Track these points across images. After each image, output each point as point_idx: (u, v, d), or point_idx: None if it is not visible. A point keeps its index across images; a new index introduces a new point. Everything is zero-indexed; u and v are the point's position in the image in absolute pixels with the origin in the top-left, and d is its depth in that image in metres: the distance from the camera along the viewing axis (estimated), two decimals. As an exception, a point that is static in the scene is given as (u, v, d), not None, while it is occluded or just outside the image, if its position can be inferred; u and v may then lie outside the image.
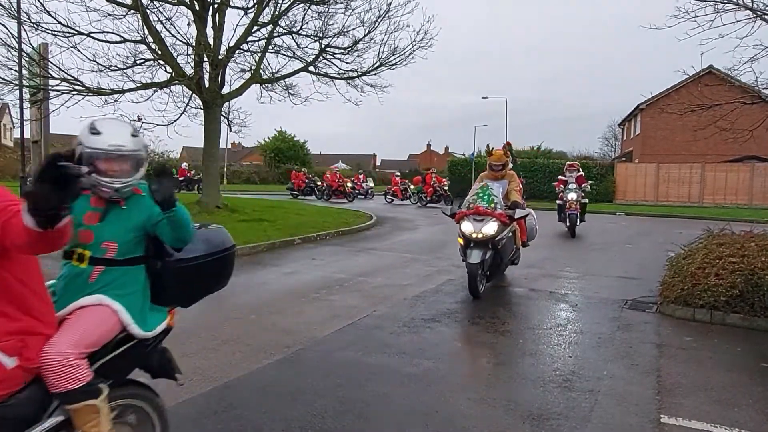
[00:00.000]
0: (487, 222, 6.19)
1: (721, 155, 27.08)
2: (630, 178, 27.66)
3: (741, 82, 8.10)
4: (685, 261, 6.53)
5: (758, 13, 6.76)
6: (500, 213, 6.31)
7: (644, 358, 4.52)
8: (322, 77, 13.79)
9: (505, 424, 3.28)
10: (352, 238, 11.89)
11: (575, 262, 9.40)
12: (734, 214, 19.64)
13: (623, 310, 6.10)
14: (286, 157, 45.59)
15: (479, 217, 6.26)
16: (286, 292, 6.58)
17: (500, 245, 6.32)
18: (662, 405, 3.59)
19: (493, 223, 6.18)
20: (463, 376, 4.03)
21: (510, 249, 6.83)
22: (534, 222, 7.66)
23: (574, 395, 3.72)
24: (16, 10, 10.69)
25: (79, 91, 11.24)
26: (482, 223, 6.21)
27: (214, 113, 12.46)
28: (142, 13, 10.76)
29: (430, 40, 13.44)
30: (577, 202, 12.73)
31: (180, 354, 4.29)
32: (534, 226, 7.69)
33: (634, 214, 21.09)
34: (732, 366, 4.38)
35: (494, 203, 6.36)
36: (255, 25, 12.49)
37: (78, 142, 2.18)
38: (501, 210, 6.37)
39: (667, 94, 27.29)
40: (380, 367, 4.15)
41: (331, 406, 3.45)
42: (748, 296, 5.48)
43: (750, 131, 7.72)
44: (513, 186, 6.98)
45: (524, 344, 4.83)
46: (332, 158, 65.47)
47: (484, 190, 6.50)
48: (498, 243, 6.27)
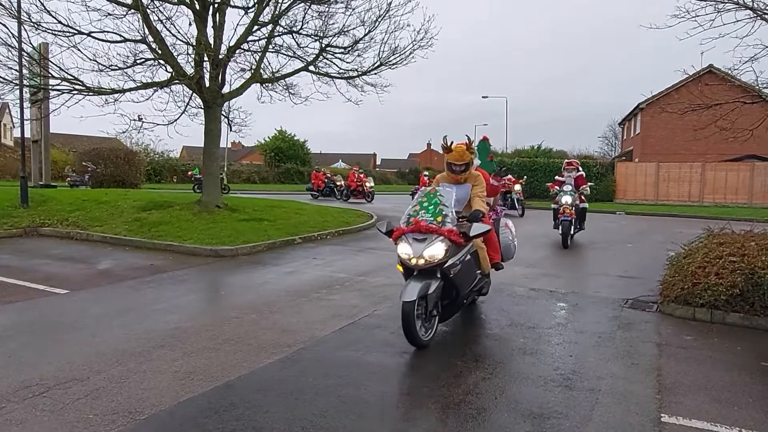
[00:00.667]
0: (432, 242, 4.50)
1: (721, 154, 27.10)
2: (630, 177, 27.66)
3: (741, 81, 8.11)
4: (685, 260, 6.54)
5: (758, 12, 6.76)
6: (450, 229, 4.55)
7: (645, 357, 4.53)
8: (322, 77, 13.78)
9: (506, 423, 3.29)
10: (352, 238, 11.89)
11: (575, 261, 9.40)
12: (734, 213, 19.65)
13: (623, 310, 6.11)
14: (286, 156, 45.62)
15: (420, 236, 4.56)
16: (287, 292, 6.59)
17: (452, 273, 4.61)
18: (663, 404, 3.60)
19: (440, 244, 4.49)
20: (463, 375, 4.03)
21: (470, 277, 5.07)
22: (510, 237, 6.20)
23: (575, 394, 3.73)
24: (17, 9, 10.69)
25: (80, 90, 11.22)
26: (424, 243, 4.51)
27: (214, 113, 12.45)
28: (143, 13, 10.75)
29: (430, 40, 13.42)
30: (572, 206, 10.75)
31: (181, 353, 4.32)
32: (510, 242, 6.18)
33: (634, 213, 21.09)
34: (732, 365, 4.38)
35: (443, 216, 4.64)
36: (255, 24, 12.48)
37: None
38: (452, 225, 4.62)
39: (668, 93, 27.30)
40: (381, 367, 4.15)
41: (332, 405, 3.46)
42: (748, 295, 5.49)
43: (750, 130, 7.72)
44: (477, 191, 5.28)
45: (525, 343, 4.84)
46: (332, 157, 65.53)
47: (430, 198, 4.79)
48: (449, 270, 4.58)
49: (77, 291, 6.45)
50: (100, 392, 3.58)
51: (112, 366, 4.04)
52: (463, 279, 4.82)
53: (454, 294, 4.80)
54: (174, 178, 34.64)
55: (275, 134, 47.66)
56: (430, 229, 4.55)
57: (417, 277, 4.52)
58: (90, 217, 11.61)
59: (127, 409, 3.34)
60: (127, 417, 3.23)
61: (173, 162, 37.38)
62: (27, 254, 8.79)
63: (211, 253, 9.03)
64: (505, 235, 6.11)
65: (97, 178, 21.65)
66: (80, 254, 8.91)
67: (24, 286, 6.56)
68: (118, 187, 20.13)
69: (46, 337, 4.73)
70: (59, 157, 27.91)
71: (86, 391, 3.59)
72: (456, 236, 4.58)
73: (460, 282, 4.77)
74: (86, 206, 12.51)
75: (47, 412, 3.28)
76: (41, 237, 10.71)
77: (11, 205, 12.08)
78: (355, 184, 24.95)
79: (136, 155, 24.71)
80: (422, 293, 4.39)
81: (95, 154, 22.58)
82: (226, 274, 7.81)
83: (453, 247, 4.58)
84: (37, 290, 6.40)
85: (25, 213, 11.74)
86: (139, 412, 3.31)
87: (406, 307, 4.30)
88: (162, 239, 9.82)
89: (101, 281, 6.99)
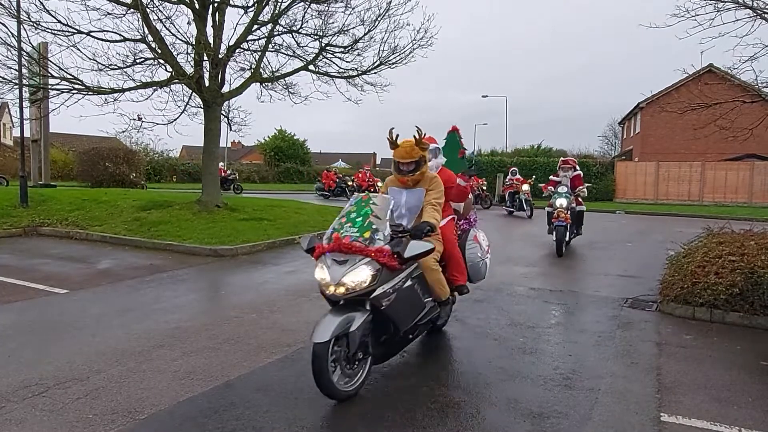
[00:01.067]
0: (355, 266, 3.47)
1: (721, 153, 27.13)
2: (630, 177, 27.68)
3: (741, 80, 8.11)
4: (684, 259, 6.55)
5: (758, 11, 6.76)
6: (379, 249, 3.50)
7: (644, 357, 4.53)
8: (322, 76, 13.77)
9: (506, 422, 3.29)
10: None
11: (575, 260, 9.41)
12: (734, 212, 19.66)
13: (623, 309, 6.11)
14: (286, 155, 45.60)
15: (342, 257, 3.54)
16: (287, 291, 6.59)
17: (385, 304, 3.56)
18: (662, 403, 3.60)
19: (365, 268, 3.47)
20: (463, 375, 4.04)
21: (413, 307, 3.93)
22: (479, 254, 4.94)
23: (575, 393, 3.73)
24: (16, 9, 10.67)
25: (79, 90, 11.21)
26: (345, 267, 3.49)
27: (214, 112, 12.44)
28: (142, 12, 10.74)
29: (430, 39, 13.41)
30: (567, 210, 9.71)
31: (180, 353, 4.32)
32: (480, 260, 4.94)
33: (634, 213, 21.10)
34: (732, 364, 4.39)
35: (371, 231, 3.59)
36: (255, 23, 12.47)
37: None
38: (384, 243, 3.56)
39: (667, 92, 27.31)
40: (380, 366, 4.15)
41: (332, 404, 3.46)
42: (747, 294, 5.50)
43: (750, 130, 7.72)
44: (431, 197, 4.21)
45: (524, 343, 4.84)
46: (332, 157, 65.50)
47: (360, 207, 3.78)
48: (379, 301, 3.53)
49: (77, 291, 6.45)
50: (99, 392, 3.58)
51: (112, 366, 4.05)
52: (401, 311, 3.73)
53: (389, 329, 3.75)
54: (174, 178, 34.63)
55: (275, 134, 47.63)
56: (354, 248, 3.50)
57: (338, 310, 3.51)
58: (89, 217, 11.60)
59: (126, 408, 3.34)
60: (127, 417, 3.23)
61: (173, 161, 37.34)
62: (26, 254, 8.79)
63: (210, 252, 9.03)
64: (472, 251, 4.90)
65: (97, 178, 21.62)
66: (80, 254, 8.90)
67: (23, 286, 6.55)
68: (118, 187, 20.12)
69: (45, 336, 4.73)
70: (59, 157, 27.88)
71: (86, 391, 3.59)
72: (387, 258, 3.51)
73: (398, 315, 3.70)
74: (86, 206, 12.51)
75: (47, 412, 3.28)
76: (41, 237, 10.71)
77: (11, 204, 12.07)
78: (366, 184, 24.69)
79: (135, 155, 24.69)
80: (341, 331, 3.36)
81: (95, 153, 22.56)
82: (226, 274, 7.81)
83: (385, 271, 3.53)
84: (36, 290, 6.40)
85: (24, 212, 11.73)
86: (139, 411, 3.31)
87: (317, 350, 3.27)
88: (162, 239, 9.82)
89: (101, 281, 6.99)
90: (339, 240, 3.58)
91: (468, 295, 6.52)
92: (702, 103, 7.83)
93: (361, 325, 3.48)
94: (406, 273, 3.84)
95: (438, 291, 4.24)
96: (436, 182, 4.32)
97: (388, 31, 13.24)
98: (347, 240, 3.56)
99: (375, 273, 3.50)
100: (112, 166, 21.76)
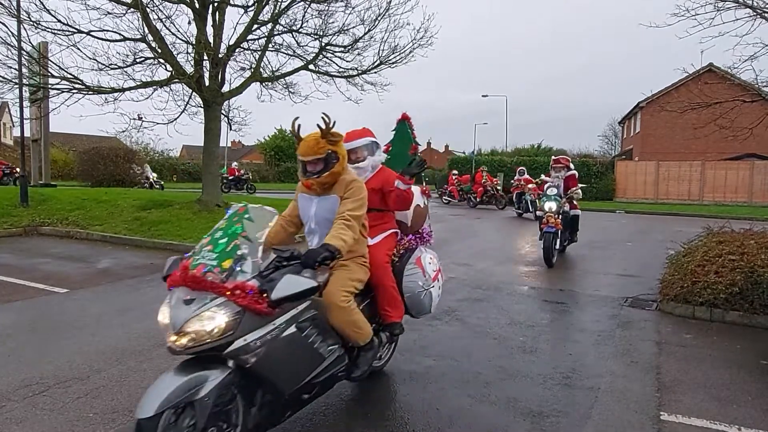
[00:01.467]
0: (202, 308, 2.44)
1: (721, 153, 27.12)
2: (630, 176, 27.67)
3: (741, 80, 8.10)
4: (684, 259, 6.55)
5: (758, 11, 6.76)
6: (240, 285, 2.47)
7: (644, 356, 4.54)
8: (322, 75, 13.78)
9: (506, 421, 3.30)
10: (352, 237, 11.88)
11: (575, 260, 9.41)
12: (734, 211, 19.66)
13: (623, 308, 6.11)
14: (286, 155, 45.60)
15: (188, 296, 2.50)
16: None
17: (251, 361, 2.51)
18: (662, 402, 3.61)
19: (217, 312, 2.42)
20: (463, 374, 4.04)
21: (303, 363, 2.83)
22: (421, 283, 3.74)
23: (574, 392, 3.74)
24: (16, 8, 10.67)
25: (79, 89, 11.22)
26: (191, 308, 2.45)
27: (214, 112, 12.45)
28: (142, 12, 10.75)
29: (430, 38, 13.41)
30: (557, 214, 8.54)
31: (181, 352, 4.32)
32: (422, 290, 3.75)
33: (634, 212, 21.09)
34: (731, 363, 4.39)
35: (234, 258, 2.54)
36: (255, 23, 12.48)
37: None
38: (250, 275, 2.53)
39: (667, 92, 27.30)
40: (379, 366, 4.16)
41: (331, 403, 3.46)
42: (747, 294, 5.50)
43: (750, 129, 7.71)
44: (346, 208, 3.13)
45: (524, 342, 4.84)
46: (332, 156, 65.27)
47: (231, 223, 2.73)
48: (241, 357, 2.49)
49: (77, 290, 6.45)
50: (100, 391, 3.59)
51: (112, 365, 4.05)
52: (281, 368, 2.66)
53: (265, 391, 2.67)
54: (174, 177, 34.66)
55: (275, 133, 47.65)
56: (203, 283, 2.46)
57: (184, 366, 2.47)
58: (90, 216, 11.61)
59: (127, 407, 3.34)
60: (127, 415, 3.23)
61: (173, 161, 37.39)
62: (27, 253, 8.79)
63: (210, 252, 9.02)
64: (411, 277, 3.71)
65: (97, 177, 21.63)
66: (80, 253, 8.91)
67: (24, 285, 6.56)
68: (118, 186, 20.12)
69: (45, 336, 4.74)
70: (59, 157, 27.91)
71: (86, 390, 3.59)
72: (250, 299, 2.45)
73: (276, 374, 2.64)
74: (86, 205, 12.52)
75: (47, 411, 3.29)
76: (41, 236, 10.71)
77: (11, 204, 12.07)
78: None
79: (136, 154, 24.71)
80: (181, 399, 2.31)
81: (95, 153, 22.57)
82: (226, 273, 7.80)
83: (248, 315, 2.47)
84: (36, 289, 6.40)
85: (24, 212, 11.74)
86: (139, 410, 3.31)
87: (142, 427, 2.24)
88: (162, 238, 9.82)
89: (101, 280, 6.99)
90: (186, 270, 2.50)
91: (467, 294, 6.55)
92: (702, 103, 7.83)
93: (214, 389, 2.39)
94: (287, 317, 2.66)
95: (352, 335, 3.10)
96: (354, 188, 3.19)
97: (388, 31, 13.26)
98: (199, 270, 2.48)
99: (232, 319, 2.42)
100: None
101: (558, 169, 9.52)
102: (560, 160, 9.70)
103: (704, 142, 25.25)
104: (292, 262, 2.69)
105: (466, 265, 8.57)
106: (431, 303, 3.88)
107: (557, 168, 9.54)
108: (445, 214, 18.33)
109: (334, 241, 2.87)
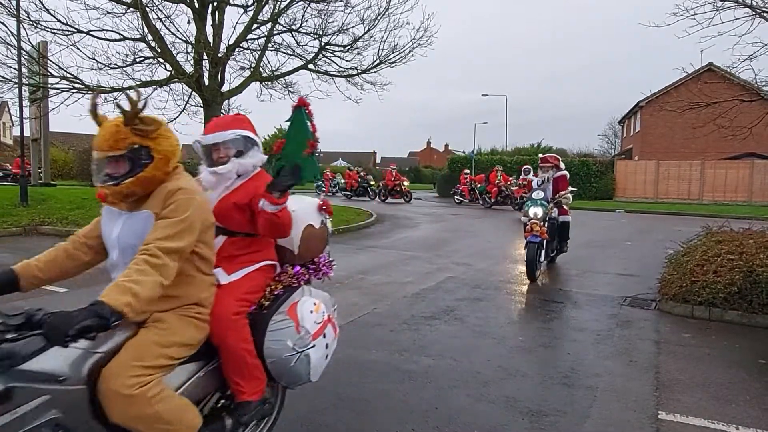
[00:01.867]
0: None
1: (721, 152, 27.13)
2: (630, 176, 27.67)
3: (740, 79, 8.10)
4: (684, 258, 6.56)
5: (757, 10, 6.76)
6: None
7: (643, 355, 4.54)
8: (321, 75, 13.79)
9: (505, 420, 3.31)
10: (352, 236, 11.91)
11: (574, 259, 9.41)
12: (733, 211, 19.67)
13: (622, 307, 6.12)
14: (286, 155, 45.65)
15: None
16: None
17: None
18: (660, 401, 3.62)
19: None
20: (462, 373, 4.05)
21: None
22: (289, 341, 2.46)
23: (573, 391, 3.74)
24: (16, 8, 10.68)
25: (79, 89, 11.24)
26: None
27: (213, 111, 12.44)
28: (142, 11, 10.76)
29: (430, 38, 13.43)
30: (543, 221, 7.41)
31: (181, 351, 4.32)
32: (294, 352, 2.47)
33: (634, 212, 21.10)
34: (730, 363, 4.40)
35: None
36: (254, 22, 12.49)
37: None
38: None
39: (667, 91, 27.29)
40: (380, 364, 4.17)
41: (331, 402, 3.47)
42: (746, 293, 5.51)
43: (749, 128, 7.72)
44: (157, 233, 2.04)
45: (523, 341, 4.85)
46: (332, 156, 65.46)
47: None
48: None
49: (77, 289, 6.45)
50: (100, 390, 3.59)
51: (112, 364, 4.05)
52: None
53: None
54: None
55: (275, 132, 47.64)
56: None
57: None
58: (90, 216, 11.60)
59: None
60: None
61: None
62: (27, 253, 8.75)
63: (210, 251, 9.02)
64: (277, 335, 2.47)
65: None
66: (80, 253, 8.90)
67: (24, 285, 6.55)
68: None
69: (46, 335, 4.73)
70: (59, 156, 27.90)
71: (86, 389, 3.59)
72: None
73: None
74: (86, 205, 12.52)
75: (47, 410, 3.29)
76: (41, 235, 10.71)
77: (11, 203, 12.08)
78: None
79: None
80: None
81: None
82: (226, 273, 7.80)
83: None
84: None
85: (24, 211, 11.74)
86: (139, 409, 3.31)
87: None
88: (162, 238, 9.81)
89: (101, 280, 6.98)
90: None
91: (467, 294, 6.58)
92: (701, 102, 7.83)
93: None
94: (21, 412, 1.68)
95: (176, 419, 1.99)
96: (177, 201, 2.09)
97: (387, 30, 13.27)
98: None
99: None
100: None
101: (546, 168, 8.33)
102: (548, 158, 8.48)
103: (704, 142, 25.27)
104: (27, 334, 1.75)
105: (466, 264, 8.59)
106: (308, 370, 2.58)
107: (545, 168, 8.34)
108: (454, 213, 18.34)
109: (115, 295, 1.86)
